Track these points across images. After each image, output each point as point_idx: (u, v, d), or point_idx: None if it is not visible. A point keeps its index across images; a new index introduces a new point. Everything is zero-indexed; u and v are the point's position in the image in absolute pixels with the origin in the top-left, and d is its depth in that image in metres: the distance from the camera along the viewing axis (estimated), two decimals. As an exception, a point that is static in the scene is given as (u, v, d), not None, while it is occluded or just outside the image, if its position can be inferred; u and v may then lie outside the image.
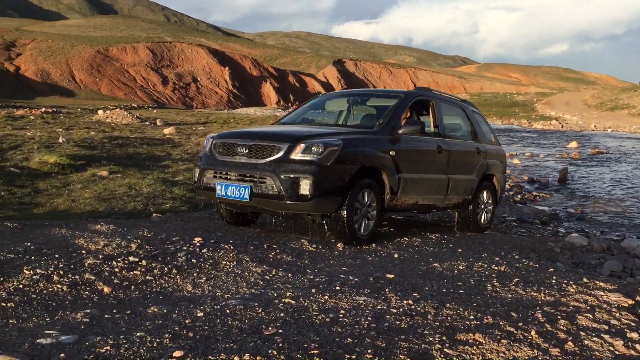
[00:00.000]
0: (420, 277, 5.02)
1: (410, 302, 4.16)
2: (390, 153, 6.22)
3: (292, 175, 5.48)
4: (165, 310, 3.61)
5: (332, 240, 6.33)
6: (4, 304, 3.48)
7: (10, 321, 3.25)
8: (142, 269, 4.45)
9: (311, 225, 6.74)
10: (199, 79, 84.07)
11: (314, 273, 4.88)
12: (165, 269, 4.53)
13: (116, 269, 4.37)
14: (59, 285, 3.89)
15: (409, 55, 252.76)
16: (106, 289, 3.93)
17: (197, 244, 5.33)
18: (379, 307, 4.01)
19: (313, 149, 5.57)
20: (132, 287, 4.07)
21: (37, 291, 3.75)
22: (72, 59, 75.71)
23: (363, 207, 5.99)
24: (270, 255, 5.35)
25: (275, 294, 4.16)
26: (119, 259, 4.60)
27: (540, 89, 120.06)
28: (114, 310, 3.55)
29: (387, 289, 4.51)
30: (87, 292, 3.85)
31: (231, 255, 5.15)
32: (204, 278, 4.41)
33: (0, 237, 4.95)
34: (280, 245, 5.78)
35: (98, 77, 75.03)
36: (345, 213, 5.74)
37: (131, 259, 4.65)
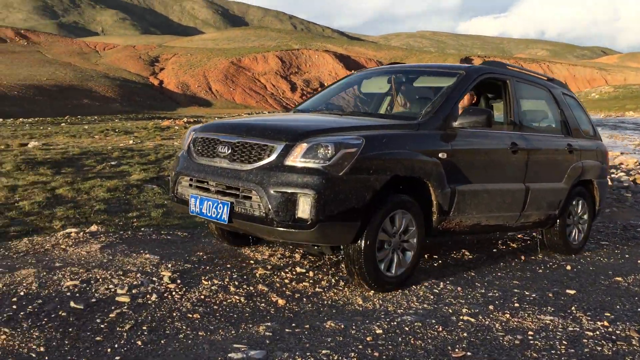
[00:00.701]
0: (606, 294, 4.55)
1: (606, 323, 3.75)
2: (440, 155, 4.43)
3: (285, 190, 3.83)
4: (342, 326, 3.52)
5: (494, 250, 5.99)
6: (190, 315, 3.57)
7: (200, 333, 3.31)
8: (310, 281, 4.41)
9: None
10: (325, 84, 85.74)
11: (484, 287, 4.59)
12: (333, 280, 4.46)
13: (286, 280, 4.38)
14: (236, 297, 3.94)
15: (541, 48, 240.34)
16: (280, 301, 3.92)
17: (358, 254, 5.23)
18: (570, 328, 3.65)
19: (320, 151, 3.89)
20: (304, 299, 4.03)
21: (218, 302, 3.82)
22: (209, 70, 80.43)
23: (394, 236, 4.25)
24: (435, 266, 5.13)
25: (450, 310, 3.93)
26: (286, 270, 4.61)
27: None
28: (293, 324, 3.52)
29: (572, 307, 4.12)
30: (263, 304, 3.86)
31: (394, 266, 4.99)
32: (372, 291, 4.28)
33: (174, 247, 5.17)
34: (441, 254, 5.54)
35: (232, 86, 79.06)
36: (364, 245, 4.03)
37: (298, 269, 4.64)
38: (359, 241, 4.03)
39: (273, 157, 3.96)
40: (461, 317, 3.80)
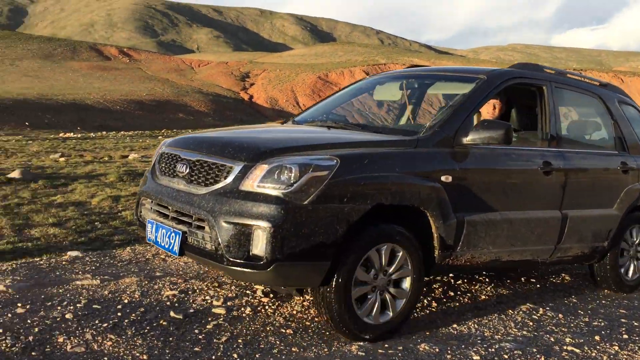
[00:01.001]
0: None
1: None
2: (443, 179, 3.63)
3: (238, 221, 3.17)
4: (437, 350, 3.42)
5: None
6: (283, 330, 3.60)
7: (293, 349, 3.33)
8: (402, 300, 4.33)
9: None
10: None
11: (588, 315, 4.34)
12: (425, 301, 4.36)
13: (377, 299, 4.32)
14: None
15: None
16: (372, 321, 3.87)
17: (451, 275, 5.09)
18: (689, 366, 3.36)
19: (283, 174, 3.20)
20: (397, 319, 3.95)
21: (309, 318, 3.83)
22: (296, 85, 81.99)
23: (381, 275, 3.49)
24: (533, 289, 4.91)
25: (552, 339, 3.74)
26: (378, 288, 4.55)
27: None
28: (386, 345, 3.46)
29: (689, 343, 3.80)
30: (355, 323, 3.82)
31: (488, 288, 4.83)
32: (469, 314, 4.15)
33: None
34: (540, 278, 5.29)
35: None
36: (335, 288, 3.31)
37: (389, 288, 4.57)
38: (330, 283, 3.31)
39: (229, 179, 3.32)
40: (565, 347, 3.60)
